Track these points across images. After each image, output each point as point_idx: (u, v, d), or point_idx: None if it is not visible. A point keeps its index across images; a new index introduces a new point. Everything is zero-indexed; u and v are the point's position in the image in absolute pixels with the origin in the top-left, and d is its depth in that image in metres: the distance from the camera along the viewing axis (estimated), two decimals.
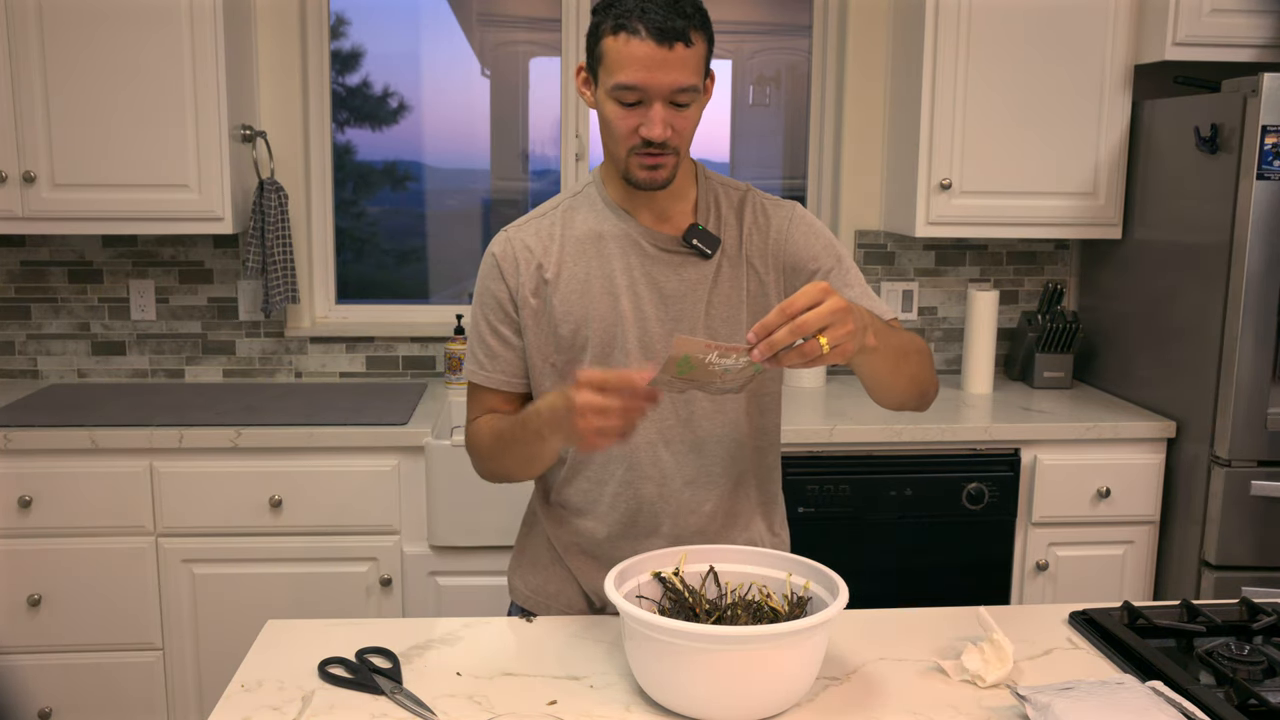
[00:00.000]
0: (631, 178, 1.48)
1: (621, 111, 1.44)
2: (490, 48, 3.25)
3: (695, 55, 1.42)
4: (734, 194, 1.60)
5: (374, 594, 2.60)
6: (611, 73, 1.42)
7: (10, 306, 3.04)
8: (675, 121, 1.43)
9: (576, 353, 1.53)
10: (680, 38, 1.39)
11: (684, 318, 1.53)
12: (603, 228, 1.54)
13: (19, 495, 2.50)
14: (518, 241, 1.56)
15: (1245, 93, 2.41)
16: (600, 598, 1.60)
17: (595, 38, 1.45)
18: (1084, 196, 2.87)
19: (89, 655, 2.58)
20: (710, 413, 1.55)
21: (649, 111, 1.42)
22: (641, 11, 1.39)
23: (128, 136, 2.66)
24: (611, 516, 1.57)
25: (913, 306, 3.21)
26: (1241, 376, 2.46)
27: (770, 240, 1.57)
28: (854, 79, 3.11)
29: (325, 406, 2.74)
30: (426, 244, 3.31)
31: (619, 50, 1.40)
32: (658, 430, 1.54)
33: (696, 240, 1.53)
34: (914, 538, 2.65)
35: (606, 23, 1.42)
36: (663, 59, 1.39)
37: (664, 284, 1.53)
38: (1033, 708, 1.22)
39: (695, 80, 1.42)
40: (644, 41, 1.39)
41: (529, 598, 1.67)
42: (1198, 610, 1.53)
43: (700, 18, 1.43)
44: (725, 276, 1.55)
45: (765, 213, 1.58)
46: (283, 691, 1.32)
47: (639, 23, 1.39)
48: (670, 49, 1.39)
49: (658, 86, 1.40)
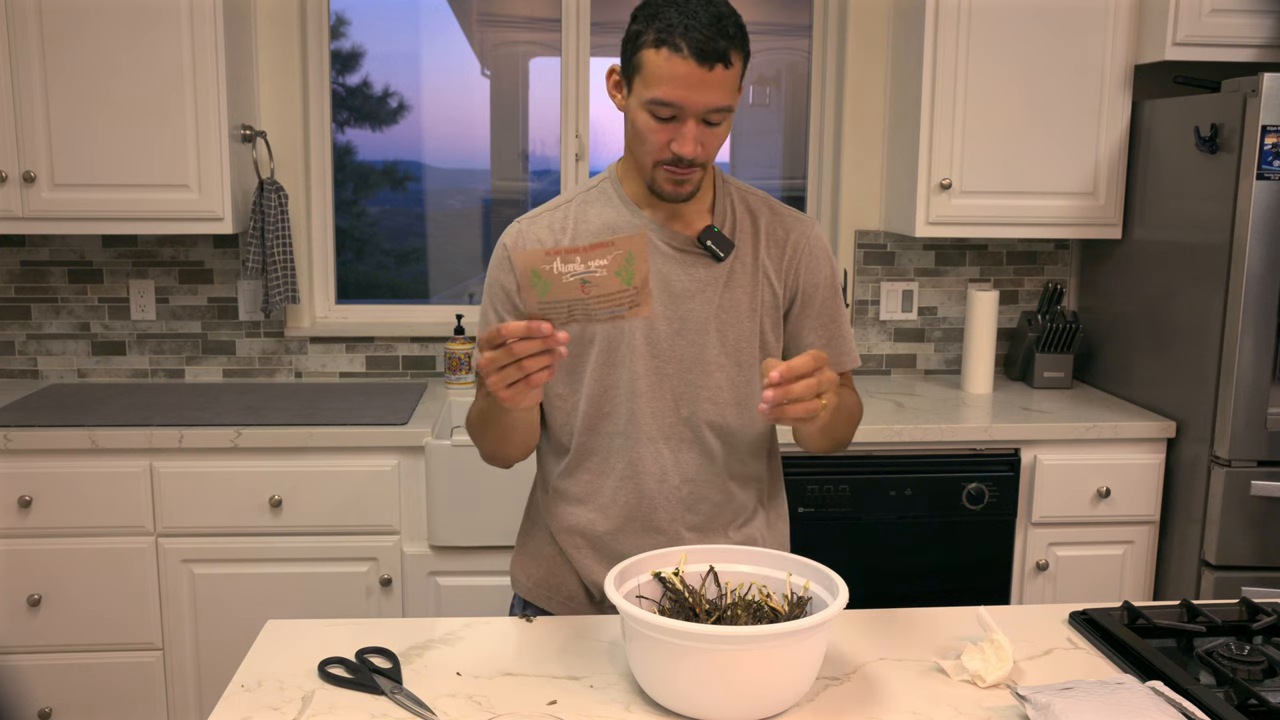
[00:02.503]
0: (657, 189, 1.49)
1: (654, 125, 1.44)
2: (490, 48, 3.25)
3: (733, 76, 1.42)
4: (752, 201, 1.60)
5: (374, 594, 2.60)
6: (649, 86, 1.41)
7: (10, 306, 3.04)
8: (706, 139, 1.44)
9: (584, 347, 1.54)
10: (721, 59, 1.39)
11: (691, 318, 1.53)
12: (617, 223, 1.55)
13: (19, 495, 2.50)
14: (529, 234, 1.57)
15: (1245, 93, 2.41)
16: (600, 590, 1.61)
17: (634, 46, 1.43)
18: (1084, 196, 2.87)
19: (89, 655, 2.58)
20: (710, 411, 1.56)
21: (682, 128, 1.42)
22: (685, 29, 1.38)
23: (128, 136, 2.66)
24: (612, 509, 1.58)
25: (913, 307, 3.21)
26: (1241, 376, 2.46)
27: (786, 257, 1.58)
28: (854, 79, 3.11)
29: (325, 406, 2.74)
30: (426, 244, 3.31)
31: (659, 65, 1.40)
32: (658, 426, 1.55)
33: (711, 242, 1.53)
34: (914, 538, 2.65)
35: (648, 34, 1.41)
36: (702, 79, 1.38)
37: (674, 282, 1.53)
38: (1033, 708, 1.22)
39: (731, 101, 1.43)
40: (685, 60, 1.38)
41: (531, 589, 1.68)
42: (1198, 610, 1.53)
43: (741, 38, 1.42)
44: (738, 282, 1.55)
45: (784, 225, 1.59)
46: (283, 691, 1.32)
47: (682, 40, 1.37)
48: (710, 70, 1.38)
49: (694, 106, 1.40)
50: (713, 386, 1.55)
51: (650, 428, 1.54)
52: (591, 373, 1.54)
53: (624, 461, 1.56)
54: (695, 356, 1.54)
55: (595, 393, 1.55)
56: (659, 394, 1.54)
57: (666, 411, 1.55)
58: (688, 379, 1.55)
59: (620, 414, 1.55)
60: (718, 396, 1.56)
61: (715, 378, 1.55)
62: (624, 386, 1.54)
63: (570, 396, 1.57)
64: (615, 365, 1.54)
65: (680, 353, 1.54)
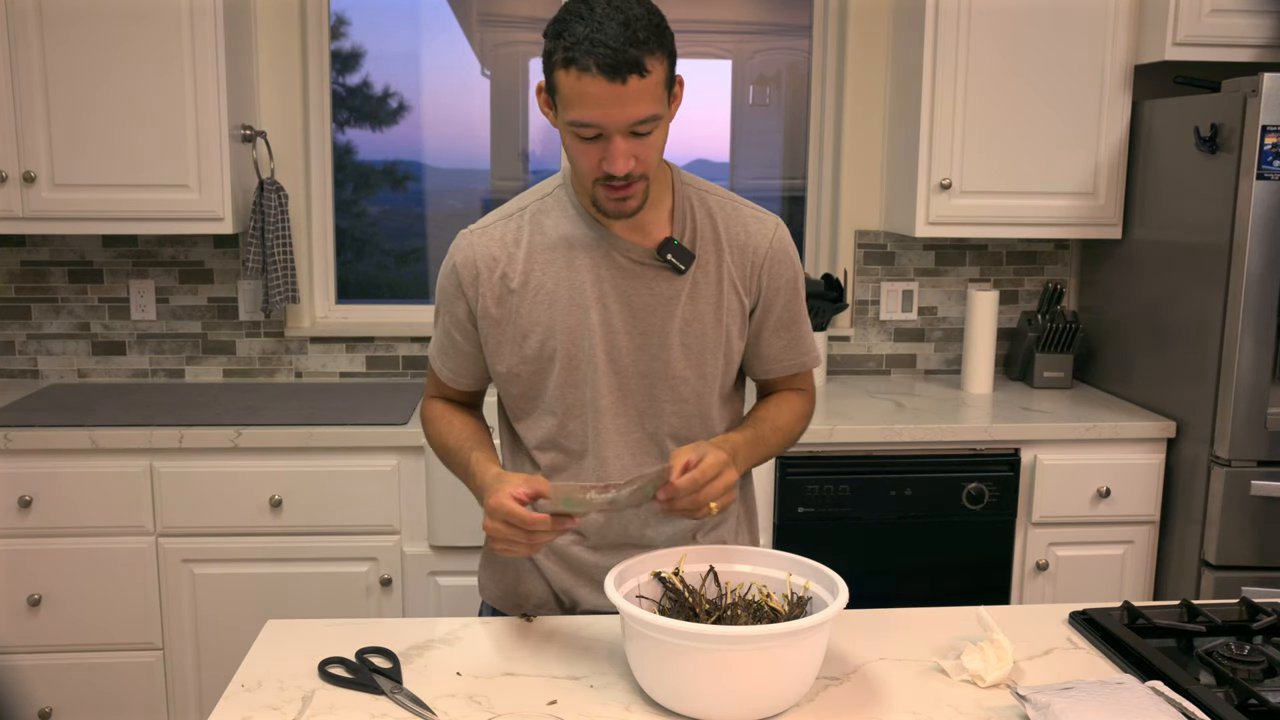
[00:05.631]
0: (601, 208, 1.44)
1: (582, 146, 1.38)
2: (490, 48, 3.25)
3: (652, 83, 1.33)
4: (712, 203, 1.54)
5: (374, 594, 2.60)
6: (567, 108, 1.35)
7: (10, 306, 3.04)
8: (638, 152, 1.37)
9: (544, 364, 1.51)
10: (634, 69, 1.30)
11: (653, 332, 1.50)
12: (574, 235, 1.50)
13: (19, 495, 2.50)
14: (480, 248, 1.51)
15: (1245, 93, 2.41)
16: (570, 598, 1.59)
17: (549, 66, 1.36)
18: (1084, 196, 2.87)
19: (89, 655, 2.58)
20: (675, 423, 1.54)
21: (609, 146, 1.35)
22: (591, 44, 1.29)
23: (128, 136, 2.66)
24: (582, 523, 1.55)
25: (913, 307, 3.21)
26: (1241, 376, 2.46)
27: (749, 263, 1.53)
28: (854, 79, 3.11)
29: (325, 406, 2.74)
30: (426, 244, 3.31)
31: (571, 86, 1.32)
32: (623, 441, 1.53)
33: (670, 255, 1.48)
34: (914, 538, 2.65)
35: (558, 54, 1.33)
36: (616, 95, 1.31)
37: (634, 298, 1.49)
38: (1033, 708, 1.22)
39: (655, 109, 1.35)
40: (595, 79, 1.30)
41: (500, 598, 1.65)
42: (1198, 610, 1.53)
43: (656, 39, 1.33)
44: (701, 293, 1.51)
45: (745, 229, 1.54)
46: (283, 691, 1.32)
47: (589, 58, 1.29)
48: (624, 83, 1.30)
49: (614, 123, 1.33)
50: (676, 400, 1.53)
51: (615, 443, 1.52)
52: (553, 391, 1.51)
53: (591, 478, 1.53)
54: (659, 371, 1.51)
55: (559, 410, 1.52)
56: (622, 410, 1.52)
57: (631, 427, 1.53)
58: (651, 393, 1.52)
59: (585, 431, 1.52)
60: (682, 409, 1.53)
61: (679, 391, 1.52)
62: (588, 404, 1.51)
63: (534, 415, 1.55)
64: (578, 384, 1.51)
65: (643, 367, 1.51)
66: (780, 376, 1.63)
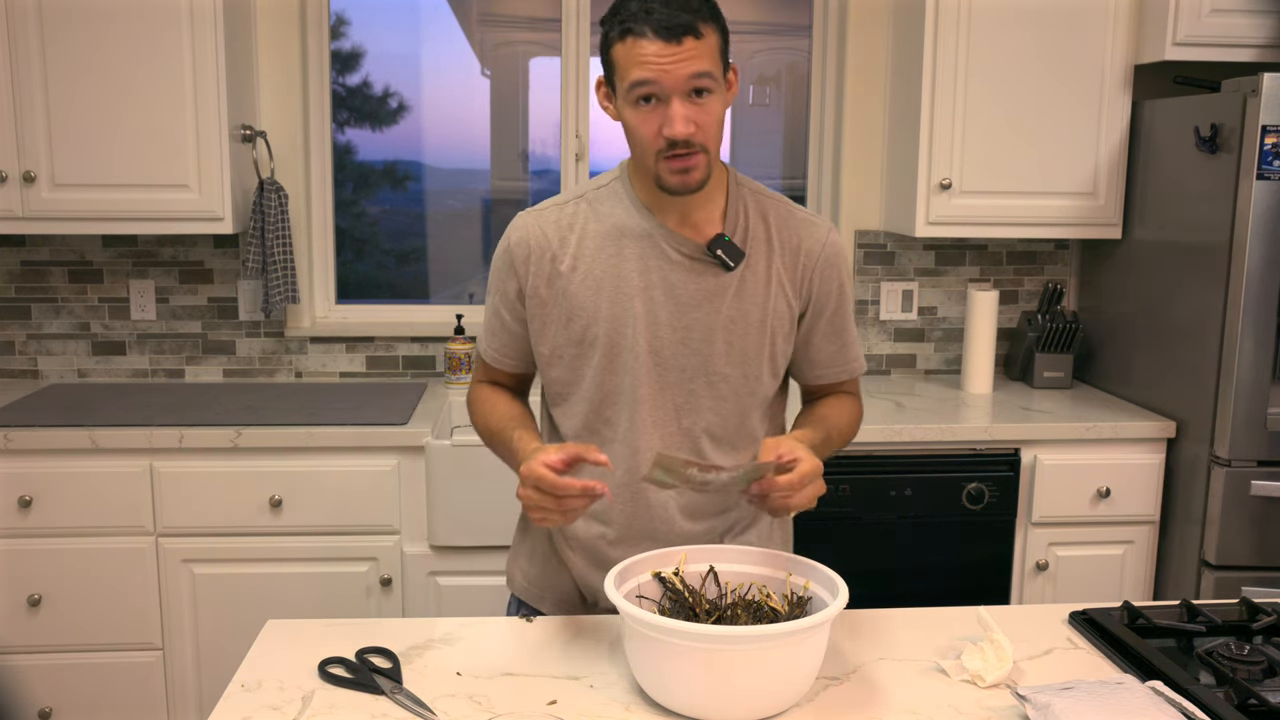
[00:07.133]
0: (664, 184, 1.45)
1: (641, 115, 1.41)
2: (490, 48, 3.25)
3: (708, 46, 1.38)
4: (766, 204, 1.56)
5: (374, 594, 2.60)
6: (624, 76, 1.40)
7: (10, 306, 3.04)
8: (697, 116, 1.40)
9: (586, 348, 1.52)
10: (688, 31, 1.36)
11: (696, 326, 1.51)
12: (626, 224, 1.52)
13: (19, 495, 2.50)
14: (535, 230, 1.55)
15: (1245, 93, 2.41)
16: (592, 593, 1.60)
17: (606, 48, 1.43)
18: (1084, 196, 2.87)
19: (89, 655, 2.58)
20: (712, 421, 1.54)
21: (668, 109, 1.39)
22: (645, 13, 1.37)
23: (128, 136, 2.66)
24: (608, 515, 1.56)
25: (913, 307, 3.21)
26: (1241, 376, 2.46)
27: (800, 266, 1.54)
28: (854, 79, 3.11)
29: (325, 406, 2.74)
30: (426, 244, 3.31)
31: (628, 54, 1.38)
32: (659, 435, 1.53)
33: (721, 251, 1.50)
34: (914, 538, 2.65)
35: (613, 31, 1.41)
36: (673, 53, 1.36)
37: (680, 291, 1.50)
38: (1033, 708, 1.22)
39: (711, 66, 1.39)
40: (651, 40, 1.36)
41: (526, 588, 1.67)
42: (1198, 610, 1.53)
43: (708, 9, 1.39)
44: (749, 293, 1.52)
45: (797, 232, 1.55)
46: (283, 691, 1.32)
47: (644, 24, 1.36)
48: (679, 44, 1.36)
49: (672, 80, 1.37)
50: (715, 397, 1.53)
51: (650, 435, 1.52)
52: (594, 377, 1.53)
53: (623, 469, 1.53)
54: (699, 366, 1.51)
55: (596, 397, 1.53)
56: (660, 401, 1.52)
57: (667, 420, 1.53)
58: (690, 388, 1.52)
59: (621, 420, 1.53)
60: (720, 407, 1.53)
61: (718, 388, 1.53)
62: (626, 393, 1.52)
63: (572, 398, 1.56)
64: (617, 372, 1.52)
65: (684, 361, 1.51)
66: (830, 383, 1.65)
